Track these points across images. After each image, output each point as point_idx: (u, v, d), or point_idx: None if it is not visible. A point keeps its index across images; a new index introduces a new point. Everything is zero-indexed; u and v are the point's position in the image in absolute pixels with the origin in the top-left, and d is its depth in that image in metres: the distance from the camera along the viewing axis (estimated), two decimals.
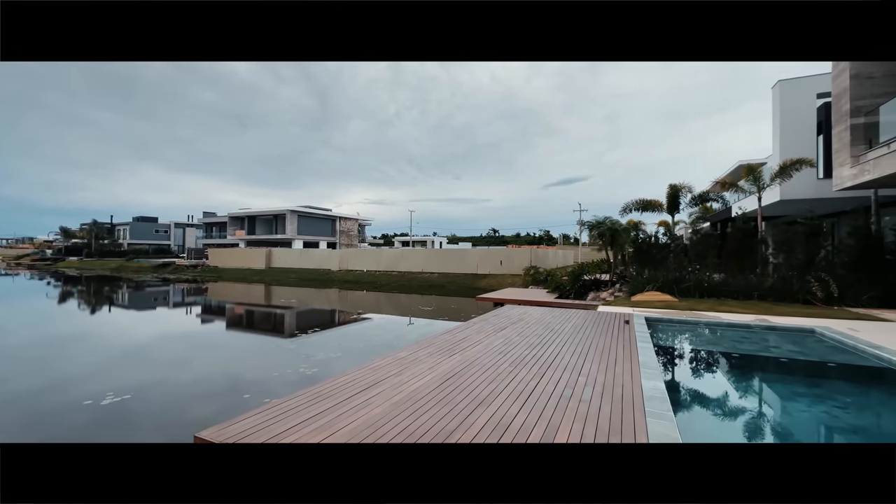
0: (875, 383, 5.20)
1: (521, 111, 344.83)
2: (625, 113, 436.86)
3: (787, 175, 12.49)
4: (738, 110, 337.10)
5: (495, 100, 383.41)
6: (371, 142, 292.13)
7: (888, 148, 8.08)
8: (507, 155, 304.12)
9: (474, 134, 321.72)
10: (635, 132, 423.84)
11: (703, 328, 8.02)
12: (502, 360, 5.09)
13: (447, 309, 18.40)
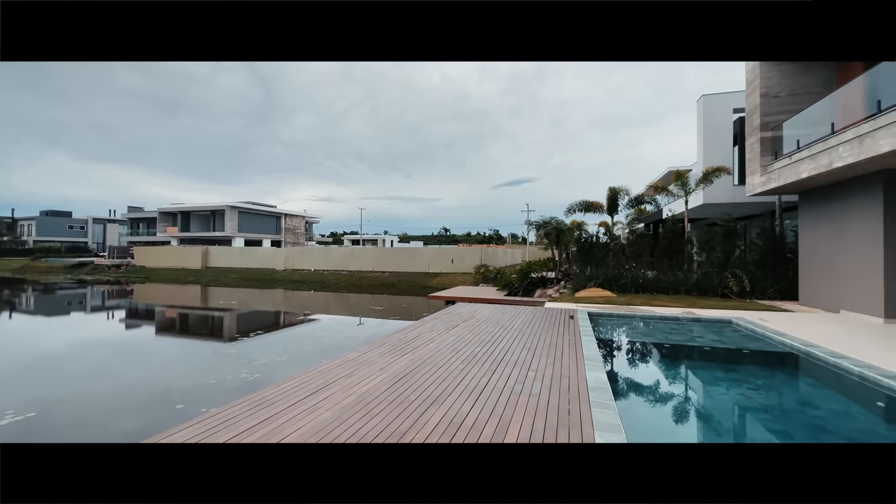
0: (780, 366, 5.89)
1: (473, 112, 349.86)
2: (569, 118, 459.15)
3: (709, 181, 13.78)
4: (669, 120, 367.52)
5: (447, 100, 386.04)
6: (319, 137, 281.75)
7: (789, 159, 9.18)
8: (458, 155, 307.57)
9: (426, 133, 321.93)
10: (578, 137, 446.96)
11: (639, 321, 8.63)
12: (455, 357, 5.12)
13: (399, 308, 18.22)
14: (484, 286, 19.00)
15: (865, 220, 8.12)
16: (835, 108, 8.30)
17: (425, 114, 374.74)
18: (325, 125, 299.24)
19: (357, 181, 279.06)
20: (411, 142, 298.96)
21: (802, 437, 3.62)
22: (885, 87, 6.93)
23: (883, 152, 6.46)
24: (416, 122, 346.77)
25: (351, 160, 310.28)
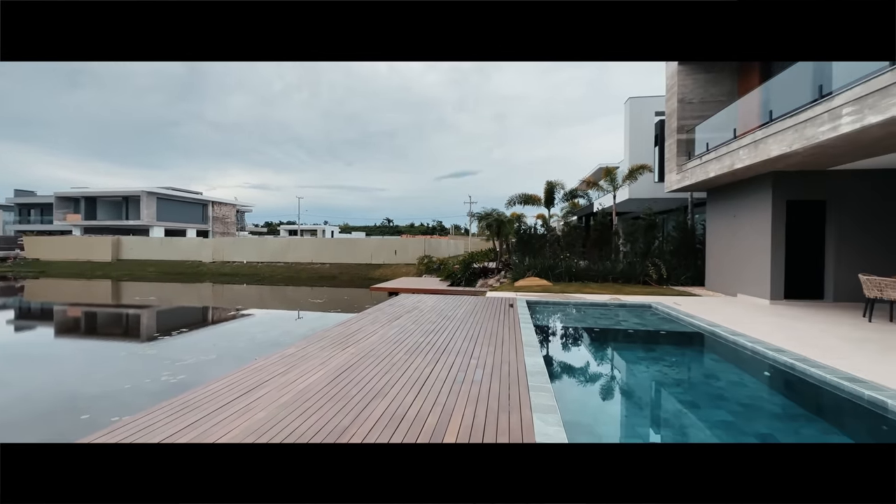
0: (690, 344, 6.62)
1: (418, 103, 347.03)
2: (510, 114, 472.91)
3: (633, 178, 14.96)
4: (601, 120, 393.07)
5: (392, 89, 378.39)
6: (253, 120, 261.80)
7: (700, 160, 10.25)
8: (402, 145, 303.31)
9: (369, 121, 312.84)
10: (519, 132, 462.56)
11: (572, 308, 9.20)
12: (398, 349, 5.09)
13: (340, 301, 17.72)
14: (427, 277, 19.08)
15: (757, 215, 9.33)
16: (737, 115, 9.38)
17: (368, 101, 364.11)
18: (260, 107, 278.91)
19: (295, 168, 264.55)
20: (353, 129, 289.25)
21: (705, 403, 4.12)
22: (775, 100, 7.95)
23: (773, 156, 7.43)
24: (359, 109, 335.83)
25: (289, 146, 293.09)
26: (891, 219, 8.50)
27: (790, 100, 7.32)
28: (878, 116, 5.25)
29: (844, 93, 5.82)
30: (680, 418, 3.95)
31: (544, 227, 17.90)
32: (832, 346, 5.29)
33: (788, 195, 8.84)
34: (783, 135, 7.14)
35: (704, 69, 11.29)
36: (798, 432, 3.53)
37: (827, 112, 6.13)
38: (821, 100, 6.36)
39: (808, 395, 4.26)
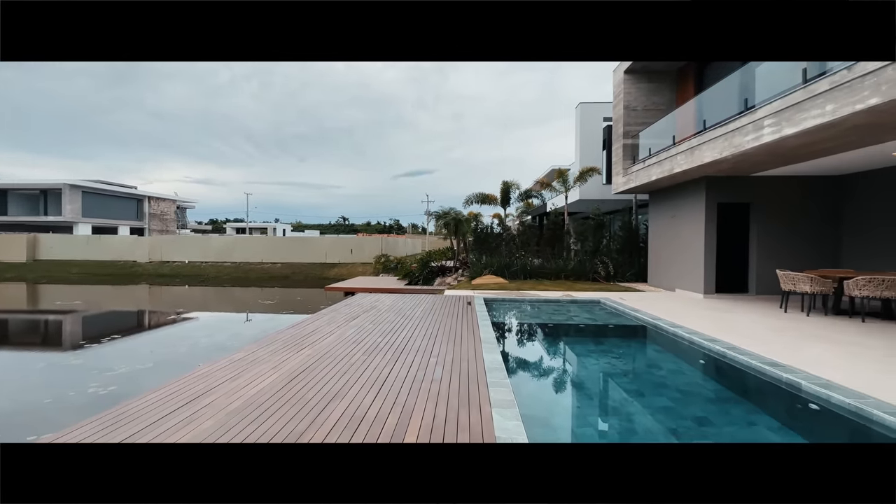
0: (635, 336, 7.05)
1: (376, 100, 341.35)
2: (468, 114, 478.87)
3: (584, 179, 15.68)
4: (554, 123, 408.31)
5: (349, 85, 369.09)
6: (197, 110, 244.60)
7: (643, 164, 10.95)
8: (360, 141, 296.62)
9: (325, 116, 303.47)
10: (476, 132, 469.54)
11: (527, 305, 9.48)
12: (356, 349, 4.98)
13: (293, 301, 17.06)
14: (385, 276, 18.85)
15: (692, 216, 10.12)
16: (675, 124, 10.11)
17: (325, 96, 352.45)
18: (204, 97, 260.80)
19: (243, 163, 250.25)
20: (307, 124, 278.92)
21: (649, 392, 4.41)
22: (708, 111, 8.66)
23: (706, 161, 8.09)
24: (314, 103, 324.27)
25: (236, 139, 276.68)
26: (803, 220, 9.55)
27: (721, 111, 8.00)
28: (794, 128, 5.88)
29: (766, 106, 6.45)
30: (627, 406, 4.20)
31: (500, 226, 18.30)
32: (756, 334, 5.86)
33: (719, 198, 9.67)
34: (715, 143, 7.79)
35: (647, 79, 12.05)
36: (728, 413, 3.87)
37: (751, 123, 6.76)
38: (746, 112, 7.01)
39: (737, 380, 4.69)
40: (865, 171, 8.65)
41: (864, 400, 3.37)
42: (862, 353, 4.84)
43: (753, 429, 3.49)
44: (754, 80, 7.42)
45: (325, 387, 3.68)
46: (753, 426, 3.55)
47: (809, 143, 6.42)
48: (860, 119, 5.16)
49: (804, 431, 3.50)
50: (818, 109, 5.44)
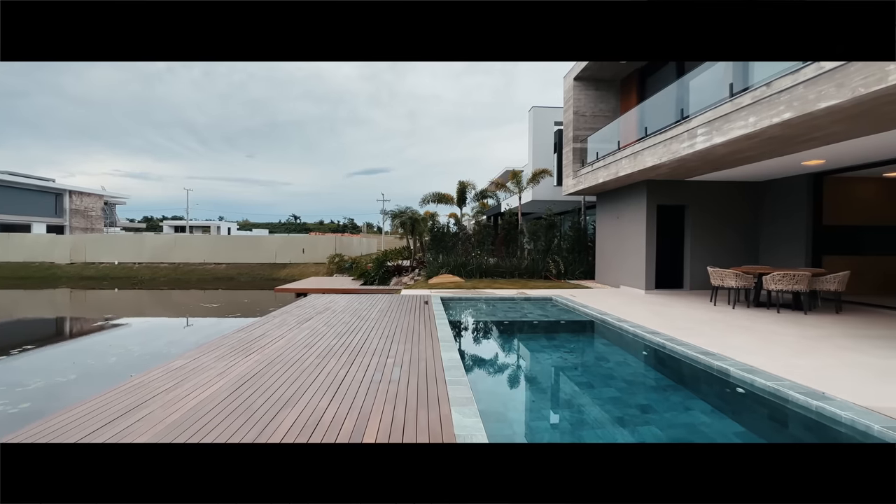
0: (584, 331, 7.39)
1: (330, 95, 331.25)
2: (424, 113, 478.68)
3: (536, 181, 16.21)
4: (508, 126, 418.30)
5: (302, 78, 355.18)
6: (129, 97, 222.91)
7: (591, 167, 11.51)
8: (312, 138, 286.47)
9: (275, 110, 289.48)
10: (432, 132, 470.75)
11: (483, 303, 9.64)
12: (309, 352, 4.80)
13: (239, 304, 16.13)
14: (339, 276, 18.36)
15: (635, 217, 10.80)
16: (619, 130, 10.72)
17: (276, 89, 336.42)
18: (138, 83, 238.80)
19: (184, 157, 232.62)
20: (257, 117, 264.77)
21: (598, 383, 4.64)
22: (649, 119, 9.26)
23: (647, 166, 8.65)
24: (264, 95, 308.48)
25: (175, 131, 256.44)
26: (729, 221, 10.51)
27: (660, 120, 8.60)
28: (722, 137, 6.44)
29: (699, 116, 7.02)
30: (578, 398, 4.38)
31: (457, 225, 18.45)
32: (690, 326, 6.36)
33: (659, 200, 10.39)
34: (655, 149, 8.36)
35: (595, 86, 12.68)
36: (668, 400, 4.16)
37: (686, 132, 7.33)
38: (682, 121, 7.58)
39: (676, 369, 5.06)
40: (780, 177, 9.68)
41: (781, 382, 3.77)
42: (778, 341, 5.41)
43: (690, 413, 3.77)
44: (689, 92, 8.04)
45: (275, 393, 3.50)
46: (690, 411, 3.84)
47: (735, 151, 7.07)
48: (777, 131, 5.76)
49: (734, 413, 3.84)
50: (742, 121, 6.00)
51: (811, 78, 4.90)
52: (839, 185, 9.31)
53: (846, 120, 5.17)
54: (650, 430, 3.41)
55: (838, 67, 4.56)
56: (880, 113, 4.88)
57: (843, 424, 3.12)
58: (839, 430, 3.12)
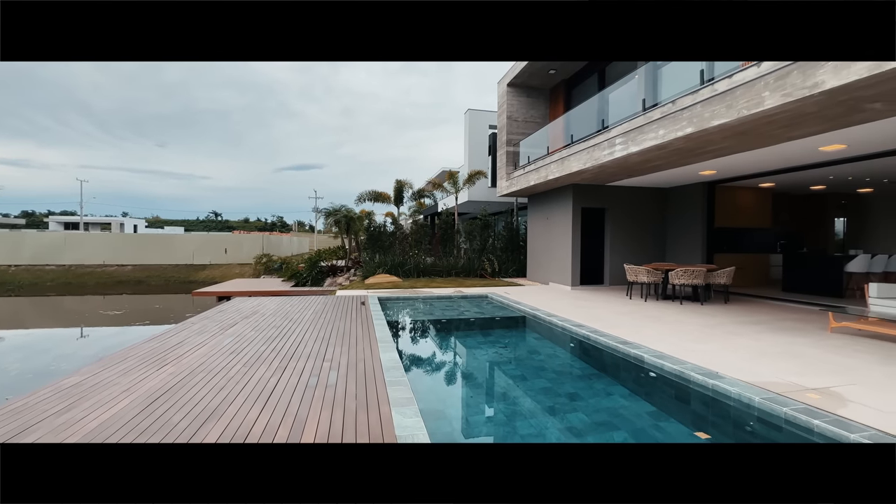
0: (517, 326, 7.75)
1: (258, 84, 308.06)
2: (360, 110, 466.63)
3: (472, 182, 16.62)
4: (445, 127, 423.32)
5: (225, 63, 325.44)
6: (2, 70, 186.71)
7: (523, 170, 12.09)
8: (238, 129, 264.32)
9: (194, 96, 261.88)
10: (368, 130, 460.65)
11: (421, 302, 9.67)
12: (235, 360, 4.44)
13: (149, 311, 14.45)
14: (267, 278, 17.26)
15: (562, 218, 11.54)
16: (548, 136, 11.39)
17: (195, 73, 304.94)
18: None
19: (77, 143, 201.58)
20: (170, 102, 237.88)
21: (531, 375, 4.89)
22: (574, 127, 9.95)
23: (573, 171, 9.29)
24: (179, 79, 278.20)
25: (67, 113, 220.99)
26: (642, 223, 11.67)
27: (585, 128, 9.29)
28: (636, 147, 7.13)
29: (617, 127, 7.70)
30: (512, 391, 4.58)
31: (394, 224, 18.28)
32: (611, 318, 6.96)
33: (583, 203, 11.21)
34: (579, 155, 9.01)
35: (526, 94, 13.32)
36: (592, 388, 4.51)
37: (606, 140, 8.00)
38: (603, 131, 8.26)
39: (599, 358, 5.51)
40: (682, 184, 10.96)
41: (684, 365, 4.28)
42: (681, 330, 6.13)
43: (611, 398, 4.13)
44: (608, 104, 8.79)
45: (197, 406, 3.20)
46: (611, 396, 4.21)
47: (648, 160, 7.87)
48: (680, 143, 6.51)
49: (647, 396, 4.28)
50: (654, 133, 6.70)
51: (707, 98, 5.62)
52: (726, 192, 10.80)
53: (733, 136, 6.00)
54: (578, 417, 3.67)
55: (728, 91, 5.28)
56: (759, 132, 5.74)
57: (732, 398, 3.63)
58: (730, 404, 3.63)
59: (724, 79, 5.38)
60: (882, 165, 7.79)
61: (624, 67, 9.52)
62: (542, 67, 11.74)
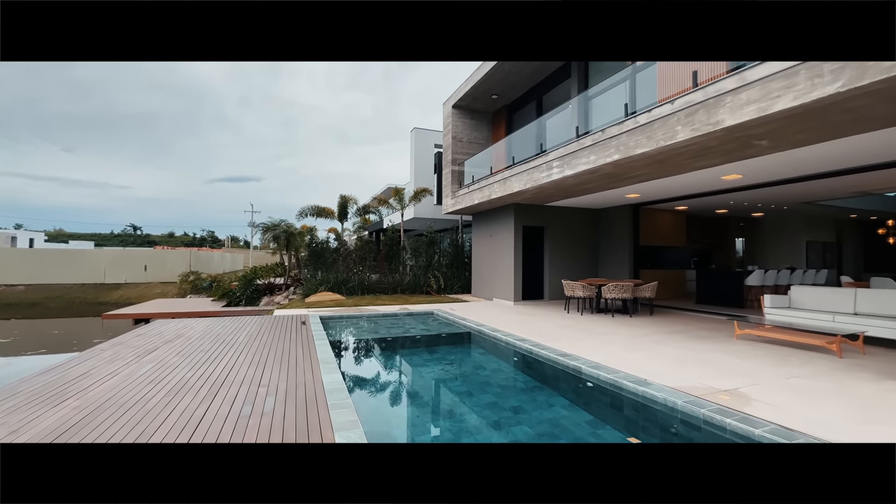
0: (463, 342, 7.82)
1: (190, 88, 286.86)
2: (302, 123, 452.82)
3: (418, 199, 16.75)
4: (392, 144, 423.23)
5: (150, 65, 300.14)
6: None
7: (468, 189, 12.43)
8: (166, 135, 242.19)
9: (113, 98, 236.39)
10: (311, 143, 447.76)
11: (366, 320, 9.42)
12: (154, 390, 4.00)
13: (45, 337, 12.59)
14: (195, 297, 15.86)
15: (505, 236, 11.99)
16: (492, 157, 11.87)
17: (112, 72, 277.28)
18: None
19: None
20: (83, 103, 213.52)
21: (477, 391, 4.94)
22: (516, 149, 10.48)
23: (515, 191, 9.74)
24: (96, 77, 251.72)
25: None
26: (578, 240, 12.45)
27: (525, 151, 9.82)
28: (571, 171, 7.66)
29: (554, 151, 8.23)
30: (458, 407, 4.59)
31: (337, 240, 17.78)
32: (551, 332, 7.27)
33: (524, 221, 11.74)
34: (520, 176, 9.48)
35: (471, 116, 13.83)
36: (535, 400, 4.66)
37: (545, 163, 8.51)
38: (542, 154, 8.79)
39: (541, 371, 5.71)
40: (612, 206, 11.92)
41: (617, 374, 4.57)
42: (613, 341, 6.57)
43: (553, 409, 4.28)
44: (546, 130, 9.40)
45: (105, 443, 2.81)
46: (553, 407, 4.36)
47: (581, 183, 8.48)
48: (609, 169, 7.11)
49: (586, 405, 4.50)
50: (586, 158, 7.25)
51: (630, 129, 6.22)
52: (649, 214, 11.93)
53: (653, 164, 6.69)
54: (522, 430, 3.76)
55: (648, 123, 5.90)
56: (673, 161, 6.45)
57: (659, 403, 3.94)
58: (657, 409, 3.93)
59: (645, 112, 6.02)
60: (770, 193, 9.10)
61: (560, 96, 10.27)
62: (485, 92, 12.30)
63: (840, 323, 6.36)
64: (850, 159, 6.20)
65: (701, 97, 5.11)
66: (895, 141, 5.20)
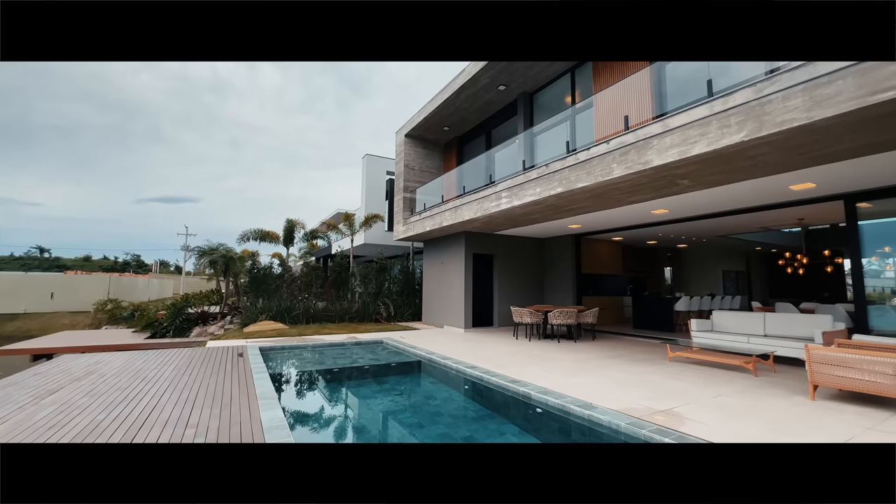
0: (413, 372, 7.63)
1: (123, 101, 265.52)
2: (248, 144, 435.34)
3: (368, 225, 16.56)
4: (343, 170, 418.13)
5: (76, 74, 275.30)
6: None
7: (419, 216, 12.53)
8: (89, 150, 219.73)
9: (31, 107, 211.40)
10: (257, 165, 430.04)
11: (310, 350, 8.93)
12: (56, 436, 3.44)
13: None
14: (112, 328, 14.19)
15: (456, 264, 12.13)
16: (442, 186, 12.13)
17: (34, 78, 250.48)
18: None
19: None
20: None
21: (427, 422, 4.80)
22: (467, 179, 10.82)
23: (465, 219, 9.97)
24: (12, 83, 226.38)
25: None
26: (526, 268, 12.89)
27: (476, 181, 10.16)
28: (519, 201, 8.02)
29: (503, 182, 8.60)
30: (408, 440, 4.42)
31: (282, 266, 16.95)
32: (500, 358, 7.34)
33: (475, 249, 11.99)
34: (471, 205, 9.75)
35: (423, 145, 14.14)
36: (486, 428, 4.61)
37: (494, 193, 8.84)
38: (491, 185, 9.13)
39: (492, 398, 5.69)
40: (557, 235, 12.56)
41: (565, 399, 4.68)
42: (560, 366, 6.76)
43: (504, 437, 4.27)
44: (494, 162, 9.83)
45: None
46: (504, 434, 4.34)
47: (528, 213, 8.88)
48: (553, 200, 7.54)
49: (535, 431, 4.53)
50: (532, 190, 7.65)
51: (572, 165, 6.69)
52: (589, 243, 12.71)
53: (592, 197, 7.19)
54: None
55: (587, 160, 6.38)
56: (609, 196, 6.99)
57: (604, 426, 4.07)
58: (602, 432, 4.05)
59: (584, 150, 6.52)
60: (692, 227, 10.12)
61: (508, 132, 10.85)
62: (438, 123, 12.70)
63: (754, 344, 7.07)
64: (752, 199, 7.14)
65: (632, 139, 5.66)
66: (785, 185, 6.07)
